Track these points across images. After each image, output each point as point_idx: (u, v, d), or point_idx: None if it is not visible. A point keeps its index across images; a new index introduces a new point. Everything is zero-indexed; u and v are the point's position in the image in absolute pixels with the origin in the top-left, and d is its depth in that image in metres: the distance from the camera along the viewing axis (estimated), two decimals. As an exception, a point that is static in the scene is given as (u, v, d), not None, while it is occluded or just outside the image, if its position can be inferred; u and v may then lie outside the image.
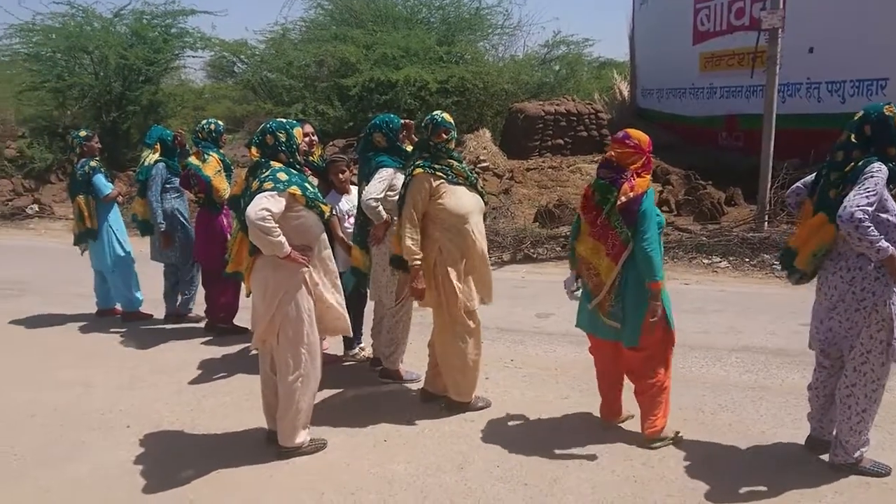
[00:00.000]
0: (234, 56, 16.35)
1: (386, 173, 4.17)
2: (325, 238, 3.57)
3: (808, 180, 3.34)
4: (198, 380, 4.67)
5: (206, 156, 5.39)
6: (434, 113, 3.88)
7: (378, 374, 4.58)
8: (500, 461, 3.48)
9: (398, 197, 3.90)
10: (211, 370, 4.82)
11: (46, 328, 5.93)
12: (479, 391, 4.12)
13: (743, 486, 3.20)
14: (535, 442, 3.65)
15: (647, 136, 3.46)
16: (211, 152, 5.44)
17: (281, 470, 3.45)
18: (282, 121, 3.56)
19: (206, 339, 5.49)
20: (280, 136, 3.44)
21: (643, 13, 14.82)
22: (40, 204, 12.06)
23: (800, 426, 3.63)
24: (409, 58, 14.01)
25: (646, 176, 3.40)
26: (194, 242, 5.65)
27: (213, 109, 16.92)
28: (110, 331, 5.76)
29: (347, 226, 4.61)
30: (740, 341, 5.23)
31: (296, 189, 3.32)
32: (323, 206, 3.48)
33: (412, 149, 4.14)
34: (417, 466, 3.46)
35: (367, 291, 4.64)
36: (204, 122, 5.76)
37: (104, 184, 5.85)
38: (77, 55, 14.34)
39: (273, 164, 3.40)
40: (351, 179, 4.80)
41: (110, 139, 13.22)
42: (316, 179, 4.43)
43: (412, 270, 3.79)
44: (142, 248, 6.13)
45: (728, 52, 11.76)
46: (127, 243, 6.02)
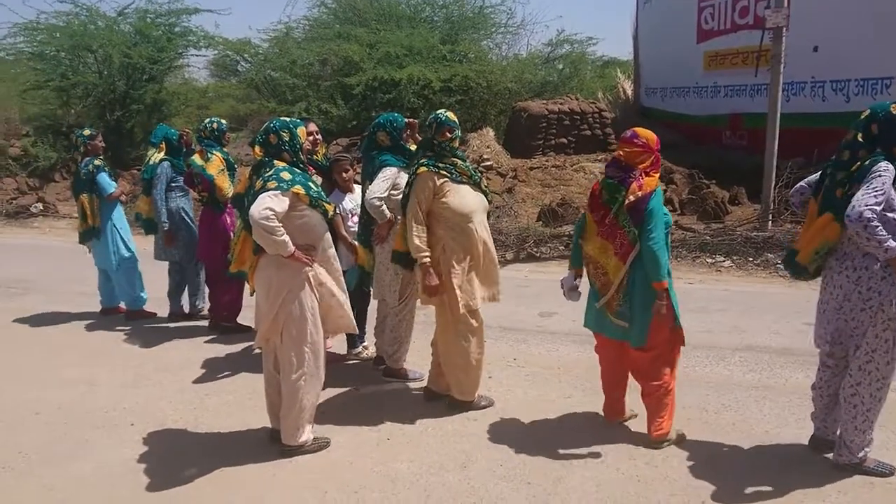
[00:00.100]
0: (237, 55, 16.37)
1: (389, 172, 4.17)
2: (329, 237, 3.57)
3: (813, 179, 3.33)
4: (201, 378, 4.67)
5: (209, 155, 5.40)
6: (438, 111, 3.88)
7: (381, 373, 4.58)
8: (504, 460, 3.48)
9: (402, 196, 3.90)
10: (215, 369, 4.83)
11: (50, 326, 5.94)
12: (482, 390, 4.12)
13: (746, 486, 3.19)
14: (539, 441, 3.65)
15: (655, 134, 3.44)
16: (214, 151, 5.45)
17: (284, 468, 3.45)
18: (285, 119, 3.55)
19: (210, 337, 5.50)
20: (283, 134, 3.43)
21: (647, 12, 14.77)
22: (44, 202, 12.09)
23: (803, 426, 3.62)
24: (413, 56, 14.00)
25: (654, 175, 3.39)
26: (198, 241, 5.66)
27: (217, 108, 16.97)
28: (114, 329, 5.77)
29: (351, 225, 4.61)
30: (744, 340, 5.23)
31: (299, 188, 3.32)
32: (326, 205, 3.48)
33: (416, 148, 4.14)
34: (421, 465, 3.46)
35: (371, 290, 4.64)
36: (207, 120, 5.77)
37: (108, 182, 5.86)
38: (81, 54, 14.36)
39: (277, 163, 3.40)
40: (354, 178, 4.81)
41: (114, 138, 13.23)
42: (319, 178, 4.43)
43: (422, 268, 3.78)
44: (146, 247, 6.15)
45: (732, 50, 11.71)
46: (131, 242, 6.02)
